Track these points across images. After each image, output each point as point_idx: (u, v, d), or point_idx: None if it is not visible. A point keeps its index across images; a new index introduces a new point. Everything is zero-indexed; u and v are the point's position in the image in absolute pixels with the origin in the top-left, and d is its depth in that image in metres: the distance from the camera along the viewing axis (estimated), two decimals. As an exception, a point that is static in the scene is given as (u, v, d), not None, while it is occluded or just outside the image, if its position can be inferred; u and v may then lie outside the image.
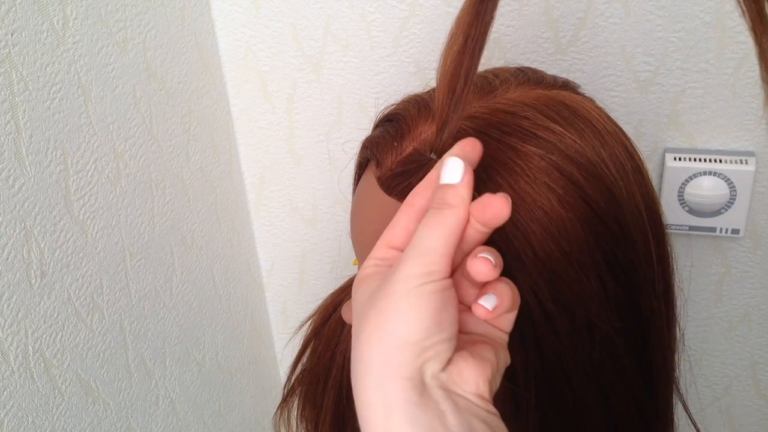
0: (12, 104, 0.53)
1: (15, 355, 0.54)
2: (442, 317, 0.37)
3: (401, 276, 0.37)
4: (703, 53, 0.69)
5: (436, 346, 0.36)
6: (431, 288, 0.36)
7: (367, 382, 0.36)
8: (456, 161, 0.39)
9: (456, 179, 0.39)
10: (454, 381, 0.37)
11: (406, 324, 0.36)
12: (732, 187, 0.72)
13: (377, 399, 0.36)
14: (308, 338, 0.70)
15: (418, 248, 0.37)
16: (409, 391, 0.35)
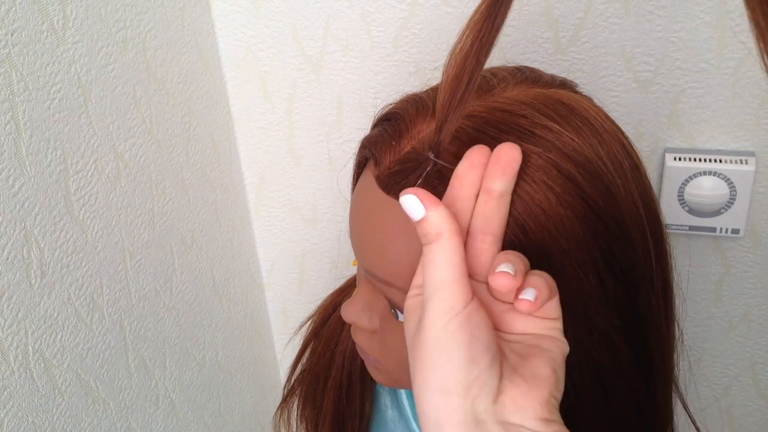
0: (12, 104, 0.53)
1: (15, 355, 0.54)
2: (474, 349, 0.36)
3: (428, 322, 0.37)
4: (703, 53, 0.69)
5: (479, 379, 0.36)
6: (456, 324, 0.36)
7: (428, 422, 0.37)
8: (408, 199, 0.38)
9: (421, 213, 0.38)
10: (510, 411, 0.36)
11: (443, 369, 0.36)
12: (732, 187, 0.72)
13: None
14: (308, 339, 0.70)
15: (431, 286, 0.38)
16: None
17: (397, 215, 0.45)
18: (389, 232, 0.46)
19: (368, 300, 0.51)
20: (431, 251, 0.38)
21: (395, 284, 0.46)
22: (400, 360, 0.50)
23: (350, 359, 0.66)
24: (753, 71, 0.69)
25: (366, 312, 0.51)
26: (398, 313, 0.48)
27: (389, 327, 0.50)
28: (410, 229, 0.45)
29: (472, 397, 0.36)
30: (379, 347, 0.52)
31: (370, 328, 0.51)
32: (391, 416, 0.67)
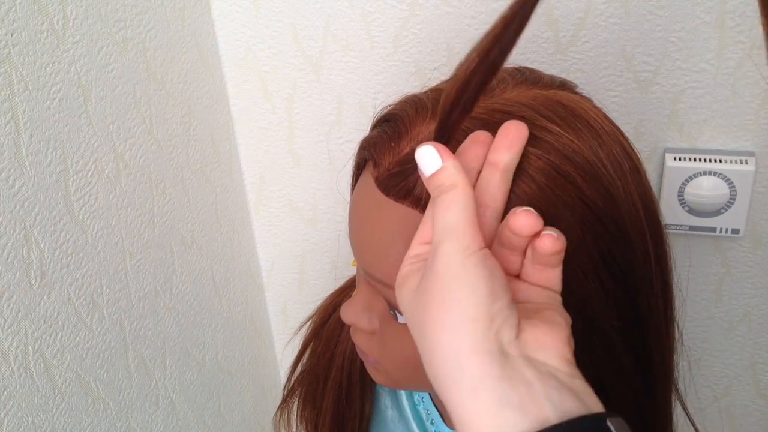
0: (12, 104, 0.53)
1: (15, 355, 0.54)
2: (494, 285, 0.36)
3: (442, 259, 0.37)
4: (703, 53, 0.69)
5: (501, 312, 0.36)
6: (473, 260, 0.36)
7: (447, 367, 0.35)
8: (426, 149, 0.39)
9: (438, 164, 0.39)
10: (533, 348, 0.36)
11: (467, 298, 0.35)
12: (732, 187, 0.72)
13: (461, 383, 0.35)
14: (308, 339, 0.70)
15: (443, 230, 0.37)
16: (491, 365, 0.34)
17: (397, 217, 0.45)
18: (388, 233, 0.46)
19: (367, 301, 0.51)
20: (445, 199, 0.38)
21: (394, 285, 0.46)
22: (399, 360, 0.50)
23: (350, 360, 0.66)
24: (753, 71, 0.69)
25: (365, 313, 0.51)
26: (397, 314, 0.48)
27: (388, 328, 0.50)
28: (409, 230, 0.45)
29: (495, 328, 0.35)
30: (378, 348, 0.52)
31: (369, 329, 0.51)
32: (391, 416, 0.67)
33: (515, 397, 0.33)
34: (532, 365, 0.35)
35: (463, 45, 0.75)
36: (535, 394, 0.33)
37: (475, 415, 0.34)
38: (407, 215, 0.45)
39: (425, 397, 0.65)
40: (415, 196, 0.44)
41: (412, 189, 0.44)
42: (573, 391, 0.34)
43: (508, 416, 0.33)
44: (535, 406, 0.33)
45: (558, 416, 0.33)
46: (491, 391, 0.34)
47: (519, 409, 0.33)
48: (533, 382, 0.34)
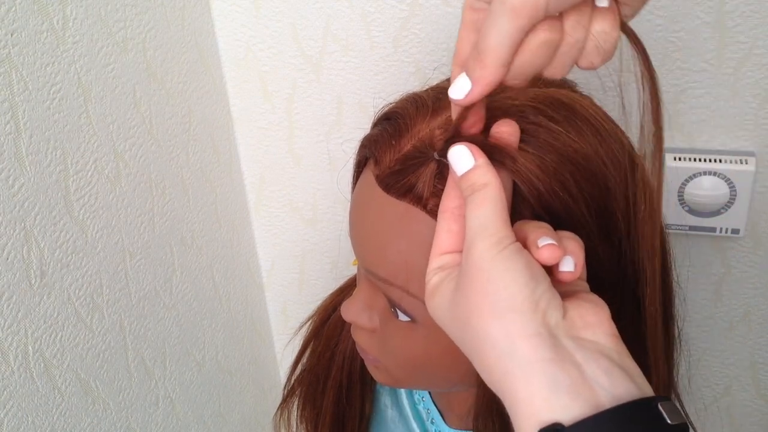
0: (12, 104, 0.53)
1: (15, 355, 0.54)
2: (533, 271, 0.36)
3: (476, 257, 0.37)
4: (703, 53, 0.69)
5: (545, 296, 0.36)
6: (508, 252, 0.36)
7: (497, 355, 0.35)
8: (460, 149, 0.40)
9: (471, 163, 0.39)
10: (579, 327, 0.36)
11: (508, 286, 0.35)
12: (732, 187, 0.72)
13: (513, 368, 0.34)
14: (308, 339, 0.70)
15: (475, 228, 0.37)
16: (541, 348, 0.34)
17: (397, 214, 0.45)
18: (389, 231, 0.46)
19: (368, 299, 0.51)
20: (477, 196, 0.38)
21: (395, 283, 0.46)
22: (399, 359, 0.50)
23: (350, 359, 0.66)
24: (753, 71, 0.69)
25: (366, 311, 0.51)
26: (398, 311, 0.48)
27: (389, 326, 0.50)
28: (410, 227, 0.45)
29: (541, 311, 0.35)
30: (379, 346, 0.52)
31: (369, 327, 0.51)
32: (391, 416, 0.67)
33: (567, 380, 0.33)
34: (582, 346, 0.35)
35: (463, 45, 0.75)
36: (587, 377, 0.33)
37: (527, 401, 0.34)
38: (408, 212, 0.45)
39: (425, 396, 0.65)
40: (415, 193, 0.44)
41: (413, 186, 0.44)
42: (625, 371, 0.34)
43: (561, 400, 0.33)
44: (587, 390, 0.33)
45: (610, 400, 0.33)
46: (543, 374, 0.33)
47: (571, 392, 0.33)
48: (583, 365, 0.34)
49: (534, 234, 0.39)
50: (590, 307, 0.37)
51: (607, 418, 0.32)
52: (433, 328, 0.47)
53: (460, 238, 0.40)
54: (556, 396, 0.33)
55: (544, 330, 0.35)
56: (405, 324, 0.48)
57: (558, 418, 0.32)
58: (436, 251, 0.41)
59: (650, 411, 0.33)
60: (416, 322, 0.48)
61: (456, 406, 0.60)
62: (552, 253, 0.37)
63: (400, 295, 0.46)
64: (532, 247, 0.38)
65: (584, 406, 0.32)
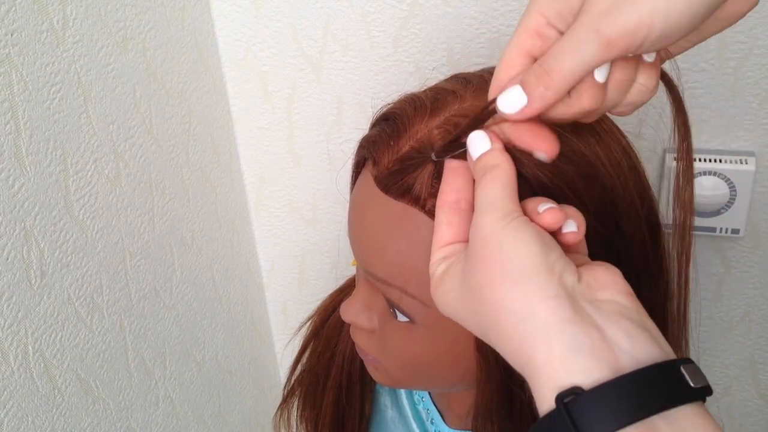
0: (12, 104, 0.53)
1: (15, 355, 0.54)
2: (544, 239, 0.36)
3: (485, 229, 0.36)
4: (703, 53, 0.69)
5: (559, 261, 0.35)
6: (517, 223, 0.36)
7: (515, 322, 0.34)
8: (480, 134, 0.40)
9: (487, 146, 0.39)
10: (596, 289, 0.35)
11: (521, 254, 0.35)
12: (732, 187, 0.72)
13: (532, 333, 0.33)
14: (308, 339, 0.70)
15: (484, 204, 0.37)
16: (561, 308, 0.33)
17: (396, 214, 0.45)
18: (388, 231, 0.46)
19: (367, 300, 0.51)
20: (487, 176, 0.38)
21: (394, 284, 0.46)
22: (398, 359, 0.50)
23: (350, 359, 0.66)
24: (753, 71, 0.69)
25: (365, 312, 0.51)
26: (397, 312, 0.48)
27: (388, 326, 0.50)
28: (408, 228, 0.45)
29: (557, 274, 0.35)
30: (378, 347, 0.52)
31: (369, 328, 0.51)
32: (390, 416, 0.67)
33: (587, 342, 0.32)
34: (600, 308, 0.34)
35: (463, 45, 0.75)
36: (608, 339, 0.33)
37: (547, 364, 0.33)
38: (406, 213, 0.45)
39: (425, 396, 0.65)
40: (413, 194, 0.44)
41: (411, 187, 0.44)
42: (646, 331, 0.34)
43: (582, 362, 0.32)
44: (607, 352, 0.32)
45: (632, 363, 0.32)
46: (563, 335, 0.33)
47: (592, 354, 0.32)
48: (604, 327, 0.33)
49: (533, 203, 0.39)
50: (601, 269, 0.37)
51: (627, 382, 0.31)
52: (432, 329, 0.47)
53: (461, 229, 0.40)
54: (575, 358, 0.32)
55: (562, 291, 0.34)
56: (404, 325, 0.48)
57: (577, 382, 0.32)
58: (437, 244, 0.41)
59: (672, 374, 0.32)
60: (415, 323, 0.48)
61: (455, 407, 0.60)
62: (554, 215, 0.37)
63: (398, 295, 0.46)
64: (533, 214, 0.38)
65: (604, 369, 0.32)
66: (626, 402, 0.31)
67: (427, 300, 0.45)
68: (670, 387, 0.32)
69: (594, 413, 0.31)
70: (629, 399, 0.31)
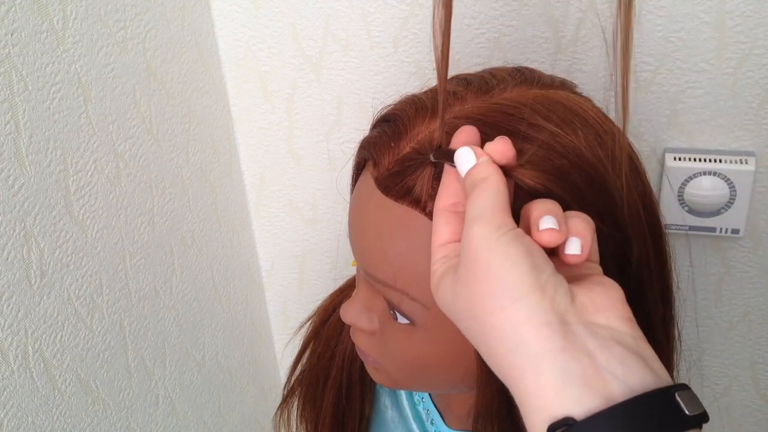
0: (12, 104, 0.53)
1: (15, 355, 0.54)
2: (534, 258, 0.35)
3: (474, 243, 0.36)
4: (703, 53, 0.69)
5: (550, 281, 0.34)
6: (507, 238, 0.35)
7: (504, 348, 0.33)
8: (464, 150, 0.40)
9: (473, 161, 0.39)
10: (590, 311, 0.34)
11: (509, 274, 0.34)
12: (732, 187, 0.72)
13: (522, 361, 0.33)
14: (308, 339, 0.70)
15: (474, 215, 0.37)
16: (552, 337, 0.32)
17: (396, 216, 0.45)
18: (388, 233, 0.46)
19: (367, 301, 0.51)
20: (476, 189, 0.38)
21: (394, 285, 0.46)
22: (398, 361, 0.50)
23: (350, 360, 0.66)
24: (753, 71, 0.69)
25: (365, 313, 0.51)
26: (397, 314, 0.48)
27: (388, 328, 0.50)
28: (408, 230, 0.45)
29: (549, 296, 0.34)
30: (378, 348, 0.52)
31: (369, 329, 0.51)
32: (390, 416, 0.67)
33: (579, 371, 0.32)
34: (594, 332, 0.33)
35: (463, 45, 0.75)
36: (600, 367, 0.32)
37: (538, 393, 0.32)
38: (407, 215, 0.45)
39: (425, 397, 0.65)
40: (414, 195, 0.44)
41: (412, 188, 0.44)
42: (640, 358, 0.33)
43: (573, 392, 0.31)
44: (600, 380, 0.31)
45: (624, 391, 0.31)
46: (553, 365, 0.32)
47: (583, 383, 0.31)
48: (596, 353, 0.32)
49: (537, 212, 0.38)
50: (601, 290, 0.36)
51: (620, 412, 0.31)
52: (432, 331, 0.47)
53: (459, 228, 0.40)
54: (567, 388, 0.31)
55: (554, 317, 0.33)
56: (404, 326, 0.48)
57: (570, 412, 0.31)
58: (437, 243, 0.41)
59: (667, 401, 0.32)
60: (415, 325, 0.47)
61: (456, 407, 0.60)
62: (552, 237, 0.37)
63: (399, 297, 0.46)
64: (533, 227, 0.37)
65: (597, 398, 0.31)
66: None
67: (427, 302, 0.45)
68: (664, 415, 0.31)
69: None
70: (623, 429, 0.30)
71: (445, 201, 0.41)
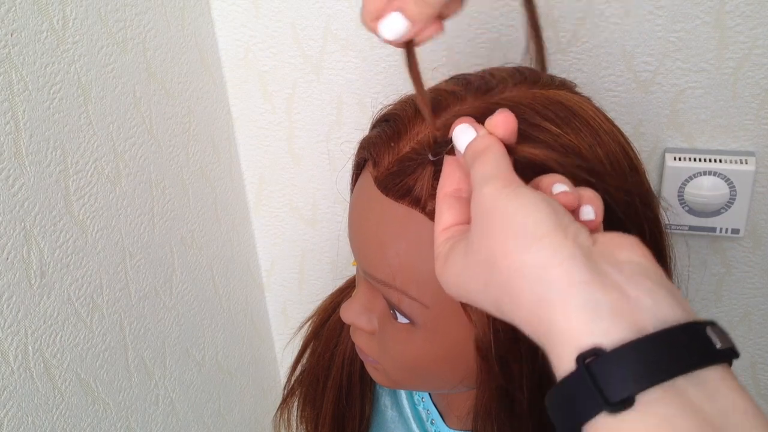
0: (12, 104, 0.53)
1: (15, 355, 0.54)
2: (553, 205, 0.35)
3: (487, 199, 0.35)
4: (703, 53, 0.69)
5: (573, 224, 0.34)
6: (523, 189, 0.35)
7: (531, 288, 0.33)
8: (462, 126, 0.40)
9: (472, 134, 0.40)
10: (613, 250, 0.34)
11: (530, 216, 0.34)
12: (732, 187, 0.72)
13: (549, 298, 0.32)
14: (307, 339, 0.70)
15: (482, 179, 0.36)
16: (577, 270, 0.32)
17: (396, 216, 0.45)
18: (388, 233, 0.46)
19: (367, 301, 0.51)
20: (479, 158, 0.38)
21: (394, 285, 0.46)
22: (398, 361, 0.50)
23: (350, 360, 0.66)
24: (753, 71, 0.69)
25: (365, 313, 0.51)
26: (397, 314, 0.48)
27: (388, 328, 0.50)
28: (408, 230, 0.45)
29: (572, 235, 0.33)
30: (378, 348, 0.52)
31: (368, 329, 0.51)
32: (390, 417, 0.67)
33: (607, 302, 0.31)
34: (619, 267, 0.32)
35: (463, 45, 0.75)
36: (629, 298, 0.31)
37: (566, 327, 0.31)
38: (406, 215, 0.45)
39: (425, 397, 0.65)
40: (414, 195, 0.44)
41: (411, 188, 0.44)
42: (669, 291, 0.32)
43: (601, 323, 0.30)
44: (628, 312, 0.31)
45: (655, 323, 0.30)
46: (581, 297, 0.31)
47: (612, 314, 0.30)
48: (624, 286, 0.31)
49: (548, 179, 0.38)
50: (617, 234, 0.35)
51: (651, 342, 0.30)
52: (432, 331, 0.47)
53: (462, 212, 0.40)
54: (596, 319, 0.31)
55: (578, 252, 0.32)
56: (404, 326, 0.48)
57: (599, 343, 0.30)
58: (440, 228, 0.40)
59: (698, 335, 0.31)
60: (415, 325, 0.48)
61: (456, 407, 0.60)
62: (568, 198, 0.36)
63: (399, 297, 0.46)
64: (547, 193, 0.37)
65: (627, 329, 0.30)
66: (650, 363, 0.29)
67: (427, 301, 0.45)
68: (695, 348, 0.30)
69: (616, 374, 0.29)
70: (653, 360, 0.29)
71: (448, 188, 0.41)
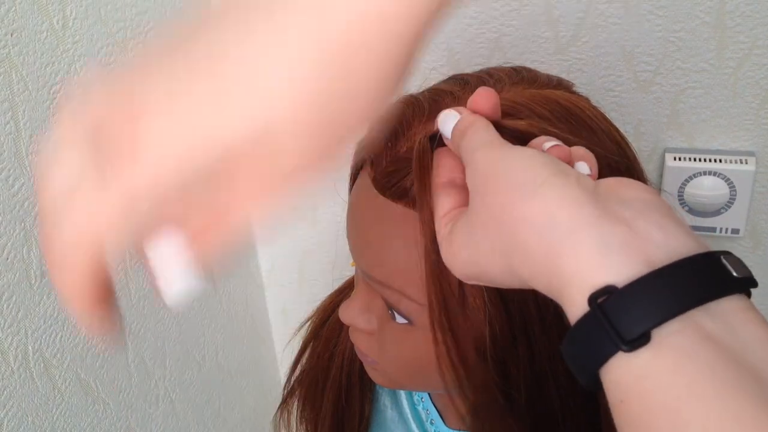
0: (12, 104, 0.53)
1: (15, 355, 0.54)
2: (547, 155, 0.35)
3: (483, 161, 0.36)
4: (703, 53, 0.69)
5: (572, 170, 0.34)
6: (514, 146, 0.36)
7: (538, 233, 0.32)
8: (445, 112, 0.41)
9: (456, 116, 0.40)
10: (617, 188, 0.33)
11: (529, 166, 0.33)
12: (732, 187, 0.72)
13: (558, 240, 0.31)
14: (307, 339, 0.70)
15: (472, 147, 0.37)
16: (583, 209, 0.31)
17: (393, 217, 0.45)
18: (385, 233, 0.46)
19: (366, 301, 0.51)
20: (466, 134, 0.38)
21: (392, 285, 0.46)
22: (397, 361, 0.50)
23: (350, 360, 0.66)
24: (753, 71, 0.69)
25: (364, 314, 0.51)
26: (396, 314, 0.48)
27: (387, 328, 0.50)
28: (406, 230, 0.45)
29: (574, 177, 0.33)
30: (377, 348, 0.52)
31: (367, 330, 0.51)
32: (390, 416, 0.67)
33: (617, 238, 0.30)
34: (626, 203, 0.32)
35: (463, 45, 0.75)
36: (638, 232, 0.30)
37: (577, 269, 0.30)
38: (404, 215, 0.45)
39: (425, 397, 0.65)
40: (411, 196, 0.44)
41: (409, 189, 0.44)
42: (680, 225, 0.31)
43: (613, 260, 0.30)
44: (639, 247, 0.30)
45: (667, 255, 0.29)
46: (589, 235, 0.30)
47: (623, 250, 0.30)
48: (632, 221, 0.31)
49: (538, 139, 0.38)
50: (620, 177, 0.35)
51: (664, 276, 0.29)
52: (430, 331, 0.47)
53: (460, 197, 0.40)
54: (605, 256, 0.30)
55: (582, 192, 0.32)
56: (403, 326, 0.48)
57: (610, 280, 0.29)
58: (440, 215, 0.40)
59: (713, 264, 0.29)
60: (414, 325, 0.47)
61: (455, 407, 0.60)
62: (560, 151, 0.37)
63: (397, 297, 0.46)
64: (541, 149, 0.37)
65: (638, 265, 0.29)
66: (665, 296, 0.28)
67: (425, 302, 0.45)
68: (711, 278, 0.29)
69: (631, 310, 0.28)
70: (667, 293, 0.28)
71: (442, 177, 0.41)
